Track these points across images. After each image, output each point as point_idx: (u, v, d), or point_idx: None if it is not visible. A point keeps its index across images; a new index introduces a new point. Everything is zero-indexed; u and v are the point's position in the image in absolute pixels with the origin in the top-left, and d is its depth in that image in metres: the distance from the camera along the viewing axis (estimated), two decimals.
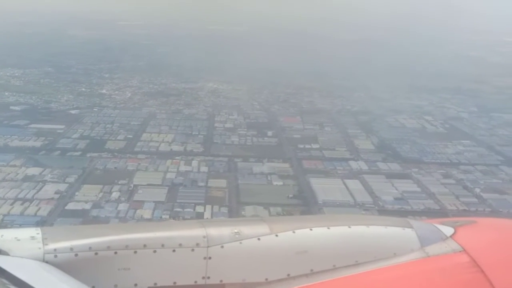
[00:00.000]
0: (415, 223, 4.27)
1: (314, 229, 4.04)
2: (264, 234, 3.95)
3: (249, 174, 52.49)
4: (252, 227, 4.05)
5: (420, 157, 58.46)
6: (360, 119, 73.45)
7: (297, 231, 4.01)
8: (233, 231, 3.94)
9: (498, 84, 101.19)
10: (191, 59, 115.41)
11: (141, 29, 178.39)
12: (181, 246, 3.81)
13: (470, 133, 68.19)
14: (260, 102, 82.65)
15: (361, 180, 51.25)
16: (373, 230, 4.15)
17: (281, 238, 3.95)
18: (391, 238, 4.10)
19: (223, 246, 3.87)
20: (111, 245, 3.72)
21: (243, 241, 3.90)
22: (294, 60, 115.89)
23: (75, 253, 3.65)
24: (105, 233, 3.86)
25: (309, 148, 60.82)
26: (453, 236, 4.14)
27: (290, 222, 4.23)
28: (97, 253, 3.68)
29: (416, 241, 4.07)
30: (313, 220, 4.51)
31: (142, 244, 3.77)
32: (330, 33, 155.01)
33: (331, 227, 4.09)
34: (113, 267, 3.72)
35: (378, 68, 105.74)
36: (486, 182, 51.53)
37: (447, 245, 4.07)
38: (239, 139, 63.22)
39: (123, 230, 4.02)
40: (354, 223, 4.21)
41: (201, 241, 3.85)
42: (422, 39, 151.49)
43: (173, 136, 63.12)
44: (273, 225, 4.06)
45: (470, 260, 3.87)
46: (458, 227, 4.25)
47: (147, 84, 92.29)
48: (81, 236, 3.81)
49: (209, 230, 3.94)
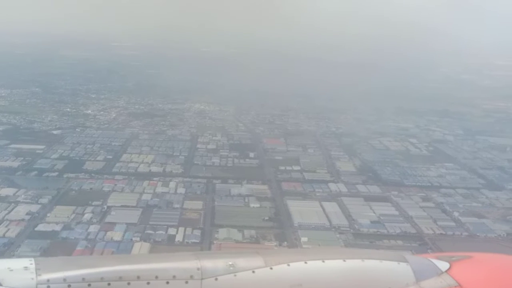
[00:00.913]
0: (410, 258, 4.22)
1: (309, 263, 4.00)
2: (258, 267, 3.91)
3: (226, 196, 51.84)
4: (246, 259, 3.99)
5: (401, 180, 57.92)
6: (344, 141, 73.09)
7: (291, 264, 3.97)
8: (228, 263, 3.89)
9: (486, 107, 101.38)
10: (180, 80, 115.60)
11: (133, 50, 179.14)
12: (175, 278, 3.78)
13: (453, 156, 67.79)
14: (245, 124, 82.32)
15: (339, 203, 50.62)
16: (368, 264, 4.09)
17: (276, 271, 3.92)
18: (386, 273, 4.05)
19: (217, 279, 3.83)
20: (104, 276, 3.69)
21: (238, 273, 3.87)
22: (283, 82, 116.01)
23: (68, 284, 3.62)
24: (99, 264, 3.82)
25: (290, 170, 60.27)
26: (448, 271, 4.13)
27: (285, 255, 4.24)
28: (90, 284, 3.64)
29: (411, 276, 4.03)
30: (308, 253, 4.43)
31: (136, 275, 3.73)
32: (320, 55, 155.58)
33: (326, 261, 4.04)
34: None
35: (366, 91, 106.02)
36: (466, 206, 50.98)
37: (442, 280, 4.03)
38: (220, 161, 62.68)
39: (117, 261, 3.97)
40: (349, 256, 4.16)
41: (195, 273, 3.82)
42: (413, 62, 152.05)
43: (154, 157, 62.55)
44: (267, 258, 3.97)
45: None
46: (453, 262, 4.23)
47: (133, 105, 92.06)
48: (74, 267, 3.75)
49: (203, 262, 3.88)
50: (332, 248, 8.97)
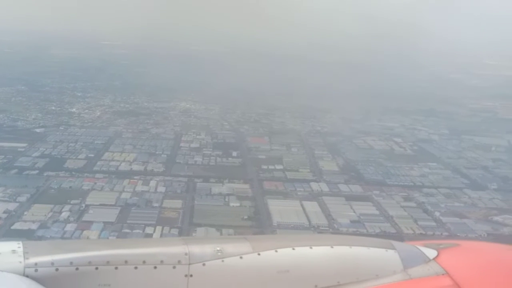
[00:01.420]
0: (398, 245, 4.20)
1: (297, 249, 3.99)
2: (246, 252, 3.90)
3: (207, 195, 51.49)
4: (234, 245, 3.97)
5: (383, 179, 57.73)
6: (328, 140, 72.88)
7: (279, 250, 3.95)
8: (216, 249, 3.85)
9: (473, 106, 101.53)
10: (168, 79, 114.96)
11: (122, 49, 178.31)
12: (162, 263, 3.74)
13: (438, 155, 67.69)
14: (230, 122, 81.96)
15: (320, 202, 50.37)
16: (355, 251, 4.08)
17: (263, 257, 3.90)
18: (374, 260, 4.04)
19: (205, 264, 3.80)
20: (92, 260, 3.66)
21: (225, 259, 3.84)
22: (271, 81, 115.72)
23: (56, 268, 3.59)
24: (87, 248, 3.80)
25: (273, 169, 59.96)
26: (436, 258, 4.11)
27: (273, 241, 4.18)
28: (78, 268, 3.61)
29: (398, 263, 4.02)
30: (296, 239, 4.38)
31: (124, 260, 3.69)
32: (308, 55, 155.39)
33: (314, 247, 4.03)
34: (94, 282, 3.64)
35: (353, 90, 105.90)
36: (447, 206, 50.84)
37: (430, 267, 4.01)
38: (202, 159, 62.29)
39: (105, 245, 3.92)
40: (337, 243, 4.15)
41: (183, 259, 3.79)
42: (402, 61, 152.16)
43: (136, 155, 62.10)
44: (255, 243, 3.99)
45: (453, 284, 3.81)
46: (441, 250, 4.21)
47: (118, 103, 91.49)
48: (62, 250, 3.73)
49: (191, 247, 3.87)
50: (320, 235, 9.16)
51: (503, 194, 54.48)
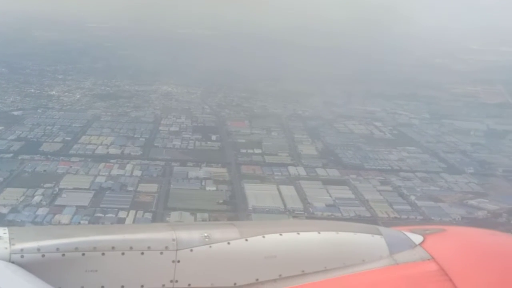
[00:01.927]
0: (384, 230, 4.25)
1: (284, 234, 4.02)
2: (234, 238, 3.92)
3: (183, 178, 51.27)
4: (222, 231, 4.00)
5: (361, 164, 57.75)
6: (309, 124, 72.64)
7: (267, 236, 3.98)
8: (203, 234, 3.88)
9: (456, 91, 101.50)
10: (151, 62, 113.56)
11: (108, 31, 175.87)
12: (149, 249, 3.74)
13: (417, 139, 67.76)
14: (211, 106, 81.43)
15: (296, 186, 50.34)
16: (342, 236, 4.12)
17: (251, 243, 3.92)
18: (360, 245, 4.09)
19: (192, 250, 3.81)
20: (79, 246, 3.65)
21: (213, 245, 3.86)
22: (255, 65, 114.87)
23: (42, 254, 3.58)
24: (73, 234, 3.78)
25: (251, 153, 59.75)
26: (422, 244, 4.15)
27: (260, 227, 4.18)
28: (64, 254, 3.60)
29: (385, 248, 4.07)
30: (283, 225, 4.47)
31: (111, 246, 3.69)
32: (293, 39, 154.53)
33: (301, 233, 4.07)
34: (81, 268, 3.64)
35: (337, 74, 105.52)
36: (423, 190, 50.99)
37: (416, 253, 4.07)
38: (181, 143, 61.89)
39: (92, 231, 3.89)
40: (324, 229, 4.19)
41: (170, 244, 3.79)
42: (387, 46, 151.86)
43: (113, 139, 61.55)
44: (243, 229, 4.02)
45: (438, 269, 3.86)
46: (427, 235, 4.25)
47: (99, 86, 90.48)
48: (48, 236, 3.71)
49: (179, 233, 3.88)
50: (307, 221, 9.41)
51: (479, 178, 54.77)
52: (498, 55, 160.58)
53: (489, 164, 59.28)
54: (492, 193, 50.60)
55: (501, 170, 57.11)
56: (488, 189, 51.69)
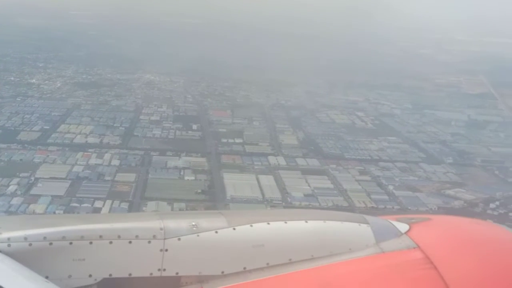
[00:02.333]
0: (371, 219, 4.29)
1: (272, 223, 4.05)
2: (221, 227, 3.94)
3: (162, 168, 50.93)
4: (209, 220, 4.02)
5: (341, 153, 57.78)
6: (291, 114, 72.51)
7: (254, 224, 4.01)
8: (191, 223, 3.91)
9: (439, 81, 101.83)
10: (135, 50, 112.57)
11: (92, 19, 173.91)
12: (137, 237, 3.75)
13: (398, 129, 67.92)
14: (194, 95, 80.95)
15: (276, 176, 50.23)
16: (329, 225, 4.16)
17: (239, 232, 3.95)
18: (347, 234, 4.14)
19: (180, 239, 3.82)
20: (66, 235, 3.65)
21: (201, 234, 3.87)
22: (241, 54, 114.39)
23: (29, 243, 3.57)
24: (60, 223, 3.78)
25: (232, 142, 59.50)
26: (407, 232, 4.20)
27: (248, 216, 4.22)
28: (51, 243, 3.60)
29: (371, 237, 4.12)
30: (271, 214, 4.54)
31: (98, 235, 3.70)
32: (281, 28, 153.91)
33: (288, 222, 4.11)
34: (68, 257, 3.64)
35: (321, 64, 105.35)
36: (402, 180, 51.15)
37: (401, 241, 4.11)
38: (161, 132, 61.47)
39: (79, 220, 3.91)
40: (311, 217, 4.23)
41: (158, 233, 3.80)
42: (372, 37, 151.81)
43: (92, 128, 60.96)
44: (230, 218, 4.04)
45: (423, 257, 3.92)
46: (413, 224, 4.30)
47: (81, 74, 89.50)
48: (35, 225, 3.72)
49: (167, 222, 3.89)
50: (295, 210, 9.64)
51: (457, 168, 55.07)
52: (483, 45, 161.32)
53: (468, 154, 59.63)
54: (469, 183, 50.92)
55: (480, 160, 57.46)
56: (466, 179, 52.00)
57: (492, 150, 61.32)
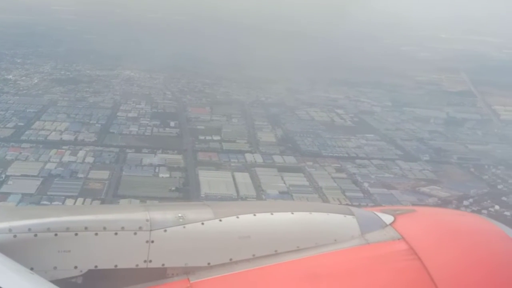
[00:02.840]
0: (356, 211, 4.30)
1: (258, 215, 4.04)
2: (208, 219, 3.90)
3: (136, 165, 50.50)
4: (196, 211, 3.98)
5: (319, 151, 57.70)
6: (270, 111, 72.29)
7: (241, 216, 3.98)
8: (177, 215, 3.87)
9: (420, 79, 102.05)
10: (116, 46, 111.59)
11: (74, 14, 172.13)
12: (123, 229, 3.72)
13: (377, 127, 67.98)
14: (173, 92, 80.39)
15: (252, 173, 50.03)
16: (315, 216, 4.17)
17: (225, 223, 3.91)
18: (333, 225, 4.15)
19: (166, 230, 3.79)
20: (51, 227, 3.62)
21: (187, 225, 3.84)
22: (223, 51, 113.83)
23: (14, 234, 3.53)
24: (46, 215, 3.76)
25: (210, 139, 59.18)
26: (392, 224, 4.22)
27: (235, 208, 4.19)
28: (36, 234, 3.57)
29: (356, 228, 4.13)
30: (257, 205, 4.49)
31: (84, 226, 3.67)
32: (263, 25, 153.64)
33: (275, 213, 4.11)
34: (53, 249, 3.60)
35: (303, 61, 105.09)
36: (378, 177, 51.19)
37: (386, 232, 4.14)
38: (138, 129, 60.96)
39: (64, 212, 3.87)
40: (297, 209, 4.23)
41: (144, 225, 3.76)
42: (354, 34, 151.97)
43: (68, 124, 60.29)
44: (217, 210, 4.00)
45: (408, 248, 3.94)
46: (398, 216, 4.32)
47: (59, 70, 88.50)
48: (20, 217, 3.67)
49: (153, 213, 3.86)
50: (281, 201, 9.96)
51: (434, 165, 55.24)
52: (466, 43, 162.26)
53: (444, 151, 59.84)
54: (445, 181, 51.08)
55: (456, 158, 57.73)
56: (441, 176, 52.16)
57: (469, 148, 61.63)
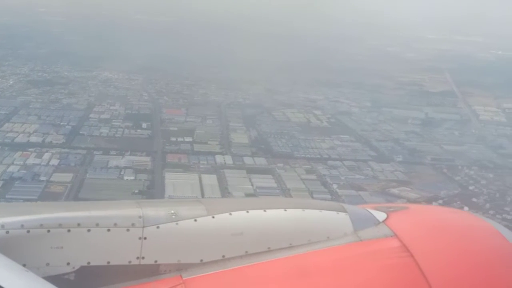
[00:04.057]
0: (349, 208, 4.29)
1: (251, 212, 4.02)
2: (200, 215, 3.88)
3: (102, 168, 49.66)
4: (188, 208, 3.96)
5: (291, 152, 57.00)
6: (247, 112, 71.53)
7: (234, 213, 3.96)
8: (170, 211, 3.85)
9: (402, 79, 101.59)
10: (99, 48, 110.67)
11: (60, 16, 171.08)
12: (116, 225, 3.68)
13: (353, 128, 67.30)
14: (151, 93, 79.52)
15: (220, 175, 49.27)
16: (308, 213, 4.15)
17: (218, 220, 3.89)
18: (325, 222, 4.13)
19: (159, 227, 3.75)
20: (44, 223, 3.58)
21: (180, 222, 3.80)
22: (207, 52, 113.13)
23: (6, 231, 3.51)
24: (38, 211, 3.70)
25: (181, 141, 58.38)
26: (385, 221, 4.19)
27: (228, 204, 4.21)
28: (29, 231, 3.53)
29: (349, 226, 4.10)
30: (250, 202, 4.50)
31: (76, 223, 3.62)
32: (246, 26, 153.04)
33: (268, 210, 4.08)
34: (46, 245, 3.57)
35: (287, 62, 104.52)
36: (348, 178, 50.51)
37: (379, 230, 4.12)
38: (109, 131, 60.08)
39: (57, 208, 3.82)
40: (290, 206, 4.20)
41: (137, 221, 3.72)
42: (340, 34, 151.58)
43: (37, 126, 59.37)
44: (209, 206, 4.00)
45: (400, 245, 3.93)
46: (390, 213, 4.30)
47: (37, 72, 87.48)
48: (13, 213, 3.63)
49: (145, 210, 3.82)
50: (274, 198, 9.67)
51: (406, 166, 54.63)
52: (452, 44, 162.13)
53: (419, 152, 59.24)
54: (416, 181, 50.48)
55: (430, 158, 57.10)
56: (413, 177, 51.56)
57: (444, 148, 61.05)
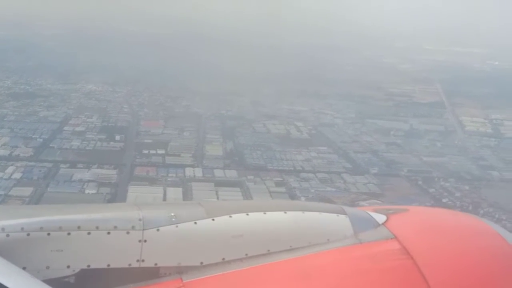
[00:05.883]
0: (349, 210, 4.27)
1: (251, 214, 4.00)
2: (200, 218, 3.83)
3: (65, 181, 48.59)
4: (189, 210, 3.91)
5: (264, 164, 55.72)
6: (227, 124, 70.38)
7: (233, 215, 3.93)
8: (170, 214, 3.79)
9: (392, 90, 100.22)
10: (87, 60, 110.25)
11: (55, 29, 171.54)
12: (116, 228, 3.66)
13: (333, 139, 65.95)
14: (132, 105, 78.61)
15: (186, 188, 48.12)
16: (308, 216, 4.11)
17: (218, 222, 3.86)
18: (325, 224, 4.08)
19: (159, 229, 3.71)
20: (44, 226, 3.55)
21: (179, 224, 3.75)
22: (195, 64, 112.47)
23: (6, 234, 3.48)
24: (38, 214, 3.68)
25: (153, 153, 57.26)
26: (385, 223, 4.18)
27: (228, 207, 4.15)
28: (29, 234, 3.50)
29: (349, 228, 4.08)
30: (250, 205, 4.43)
31: (76, 226, 3.59)
32: (237, 38, 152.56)
33: (268, 213, 4.05)
34: (46, 248, 3.54)
35: (277, 73, 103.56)
36: (318, 191, 49.19)
37: (379, 232, 4.10)
38: (80, 144, 59.05)
39: (57, 211, 3.78)
40: (290, 208, 4.18)
41: (137, 224, 3.69)
42: (336, 46, 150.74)
43: (8, 139, 58.44)
44: (210, 209, 3.94)
45: (400, 247, 3.91)
46: (390, 215, 4.28)
47: (19, 85, 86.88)
48: (13, 216, 3.61)
49: (145, 213, 3.78)
50: (274, 201, 10.15)
51: (381, 178, 53.19)
52: (449, 55, 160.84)
53: (396, 164, 57.75)
54: (388, 194, 49.02)
55: (406, 170, 55.61)
56: (385, 190, 50.12)
57: (423, 160, 59.54)
